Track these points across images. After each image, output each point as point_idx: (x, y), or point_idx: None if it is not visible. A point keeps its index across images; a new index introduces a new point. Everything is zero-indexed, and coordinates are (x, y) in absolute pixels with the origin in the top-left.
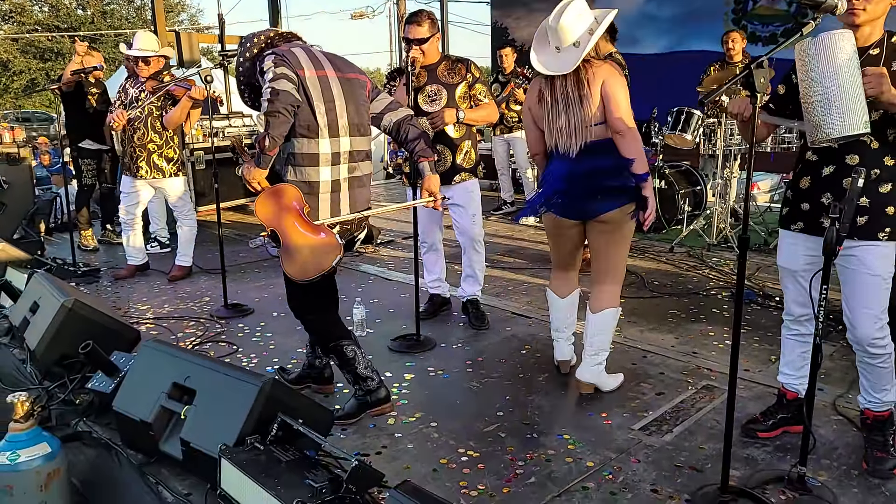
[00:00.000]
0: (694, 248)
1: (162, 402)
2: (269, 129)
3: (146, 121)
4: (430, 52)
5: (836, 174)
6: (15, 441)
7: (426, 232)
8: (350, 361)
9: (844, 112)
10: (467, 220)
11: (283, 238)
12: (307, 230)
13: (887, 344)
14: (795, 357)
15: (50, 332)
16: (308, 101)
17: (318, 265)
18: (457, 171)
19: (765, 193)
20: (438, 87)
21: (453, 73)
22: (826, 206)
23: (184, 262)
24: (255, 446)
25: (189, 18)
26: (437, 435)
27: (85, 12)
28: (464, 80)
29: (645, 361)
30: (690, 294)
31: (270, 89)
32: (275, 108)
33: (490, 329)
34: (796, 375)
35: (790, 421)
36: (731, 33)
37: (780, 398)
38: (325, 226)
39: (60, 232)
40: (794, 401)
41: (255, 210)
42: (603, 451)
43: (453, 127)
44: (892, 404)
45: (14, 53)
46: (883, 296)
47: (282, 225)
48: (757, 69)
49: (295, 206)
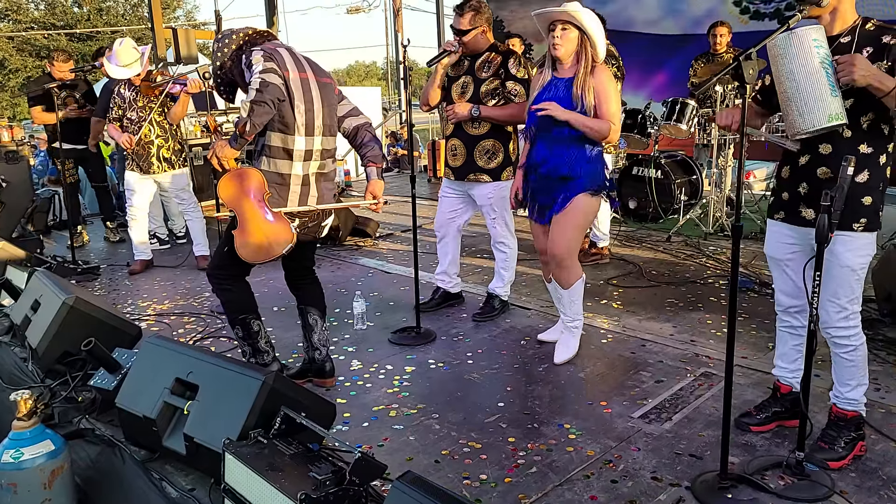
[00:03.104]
0: (691, 237)
1: (165, 398)
2: (253, 115)
3: (150, 118)
4: (472, 42)
5: (811, 164)
6: (18, 439)
7: (441, 224)
8: (255, 335)
9: (806, 108)
10: (489, 220)
11: (241, 219)
12: (265, 216)
13: (852, 335)
14: (789, 349)
15: (52, 329)
16: (290, 100)
17: (269, 250)
18: (470, 170)
19: (760, 182)
20: (469, 78)
21: (488, 65)
22: (803, 195)
23: (205, 252)
24: (259, 440)
25: (185, 14)
26: (438, 426)
27: (81, 10)
28: (495, 74)
29: (643, 350)
30: (688, 283)
31: (261, 80)
32: (262, 98)
33: (489, 321)
34: (790, 369)
35: (784, 415)
36: (718, 27)
37: (773, 391)
38: (281, 214)
39: (58, 230)
40: (788, 394)
41: (217, 189)
42: (603, 439)
43: (471, 123)
44: (857, 405)
45: (10, 52)
46: (853, 287)
47: (241, 207)
48: (746, 61)
49: (257, 191)
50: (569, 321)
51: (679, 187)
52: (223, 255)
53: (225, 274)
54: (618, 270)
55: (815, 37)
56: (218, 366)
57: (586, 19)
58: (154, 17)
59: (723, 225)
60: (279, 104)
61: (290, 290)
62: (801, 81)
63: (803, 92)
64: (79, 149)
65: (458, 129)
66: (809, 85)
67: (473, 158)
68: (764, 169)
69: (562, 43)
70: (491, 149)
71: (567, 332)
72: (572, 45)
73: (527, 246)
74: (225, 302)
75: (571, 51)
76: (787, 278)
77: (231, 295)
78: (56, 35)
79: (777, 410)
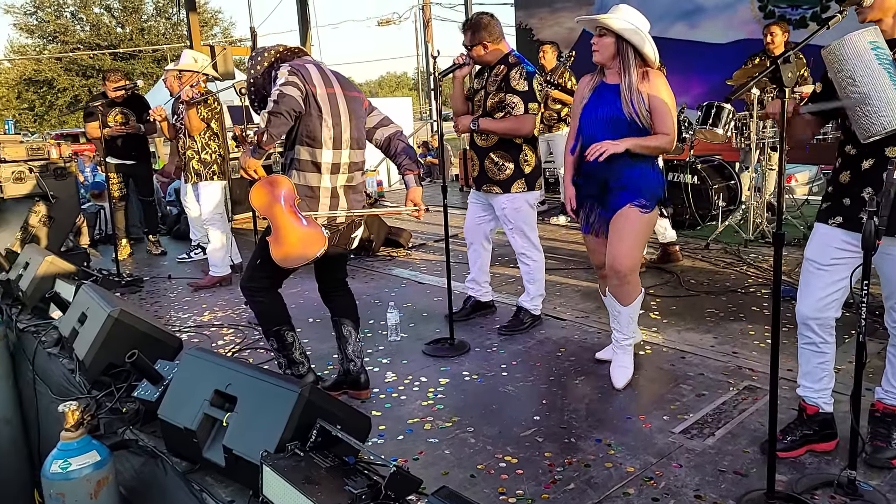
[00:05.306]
0: (730, 244)
1: (205, 410)
2: (269, 126)
3: (183, 129)
4: (477, 57)
5: (876, 167)
6: (67, 450)
7: (468, 230)
8: (289, 346)
9: (873, 111)
10: (507, 232)
11: (274, 226)
12: (296, 220)
13: None
14: (813, 368)
15: (98, 341)
16: (319, 114)
17: (302, 254)
18: (484, 181)
19: (803, 185)
20: (482, 93)
21: (495, 78)
22: (867, 200)
23: (217, 273)
24: (296, 453)
25: (222, 31)
26: (473, 440)
27: (124, 30)
28: (499, 87)
29: (683, 362)
30: (728, 292)
31: (279, 92)
32: (278, 109)
33: (523, 332)
34: (815, 388)
35: (813, 438)
36: (771, 26)
37: (800, 412)
38: (312, 218)
39: (104, 244)
40: (816, 416)
41: (249, 197)
42: (643, 455)
43: (480, 135)
44: None
45: (58, 72)
46: None
47: (273, 213)
48: (784, 64)
49: (287, 197)
50: (623, 339)
51: (717, 193)
52: (255, 268)
53: (258, 286)
54: (655, 279)
55: (871, 38)
56: (255, 378)
57: (618, 25)
58: (193, 35)
59: (764, 231)
60: (303, 117)
61: (324, 302)
62: (865, 85)
63: (868, 95)
64: (127, 164)
65: (472, 141)
66: (874, 87)
67: (485, 170)
68: (806, 172)
69: (598, 49)
70: (499, 160)
71: (621, 352)
72: (608, 50)
73: (561, 255)
74: (258, 314)
75: (609, 56)
76: (819, 286)
77: (264, 307)
78: (101, 55)
79: (806, 433)
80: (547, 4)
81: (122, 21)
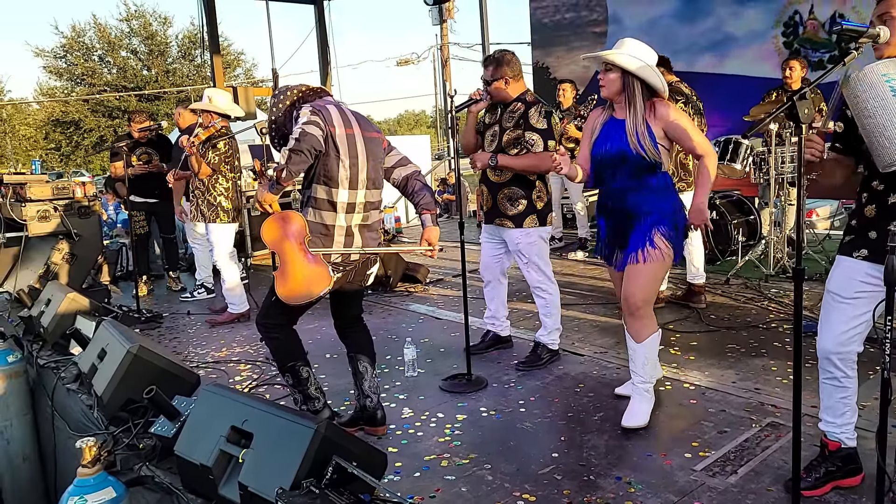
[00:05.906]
0: (751, 279)
1: (221, 446)
2: (289, 163)
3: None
4: (496, 93)
5: None
6: (83, 486)
7: (484, 268)
8: (304, 382)
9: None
10: (521, 266)
11: (282, 261)
12: (304, 258)
13: None
14: (834, 403)
15: (116, 377)
16: (337, 154)
17: (307, 291)
18: (496, 215)
19: (824, 220)
20: (498, 128)
21: (512, 115)
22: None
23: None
24: (311, 490)
25: (244, 72)
26: (491, 477)
27: (150, 72)
28: (517, 124)
29: (704, 398)
30: (749, 327)
31: (301, 130)
32: (299, 147)
33: (541, 367)
34: (838, 423)
35: (837, 474)
36: (790, 61)
37: (822, 448)
38: (320, 257)
39: (125, 280)
40: (838, 451)
41: (261, 231)
42: (664, 493)
43: (493, 171)
44: None
45: (85, 113)
46: None
47: (282, 248)
48: (800, 100)
49: (297, 234)
50: (640, 381)
51: (736, 228)
52: (270, 305)
53: (272, 323)
54: (675, 314)
55: (885, 71)
56: (271, 413)
57: (621, 60)
58: (216, 76)
59: (784, 266)
60: (321, 157)
61: (340, 338)
62: (879, 115)
63: (882, 125)
64: (150, 202)
65: (484, 177)
66: (886, 117)
67: (497, 204)
68: (827, 207)
69: (604, 84)
70: (513, 196)
71: (636, 395)
72: (614, 85)
73: (578, 290)
74: (273, 350)
75: (615, 91)
76: (842, 319)
77: (279, 343)
78: (127, 96)
79: (830, 470)
80: (563, 43)
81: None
